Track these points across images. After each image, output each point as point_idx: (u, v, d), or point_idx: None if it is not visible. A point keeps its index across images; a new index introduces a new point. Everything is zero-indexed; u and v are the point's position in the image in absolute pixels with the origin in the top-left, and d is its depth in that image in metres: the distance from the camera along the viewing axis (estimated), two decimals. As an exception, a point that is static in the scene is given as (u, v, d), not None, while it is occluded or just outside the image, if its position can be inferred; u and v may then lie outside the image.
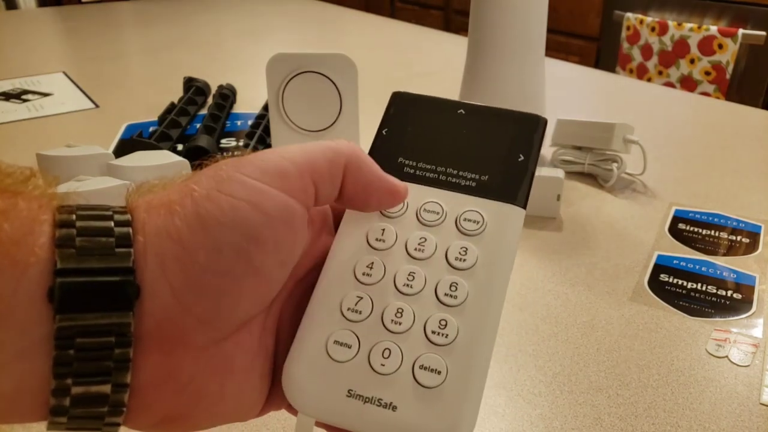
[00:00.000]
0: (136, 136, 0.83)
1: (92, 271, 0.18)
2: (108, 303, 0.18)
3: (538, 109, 0.74)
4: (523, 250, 0.60)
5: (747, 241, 0.62)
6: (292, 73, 0.64)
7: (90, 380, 0.18)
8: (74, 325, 0.18)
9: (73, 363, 0.18)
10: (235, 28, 1.48)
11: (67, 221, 0.19)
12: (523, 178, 0.25)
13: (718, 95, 1.74)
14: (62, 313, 0.18)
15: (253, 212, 0.20)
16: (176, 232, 0.19)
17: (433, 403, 0.21)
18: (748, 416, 0.42)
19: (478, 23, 0.71)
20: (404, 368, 0.22)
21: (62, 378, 0.18)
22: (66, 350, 0.18)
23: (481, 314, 0.23)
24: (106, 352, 0.18)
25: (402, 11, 2.77)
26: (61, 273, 0.18)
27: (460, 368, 0.22)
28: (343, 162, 0.23)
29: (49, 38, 1.42)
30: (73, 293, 0.18)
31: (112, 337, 0.18)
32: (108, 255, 0.18)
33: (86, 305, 0.18)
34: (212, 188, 0.20)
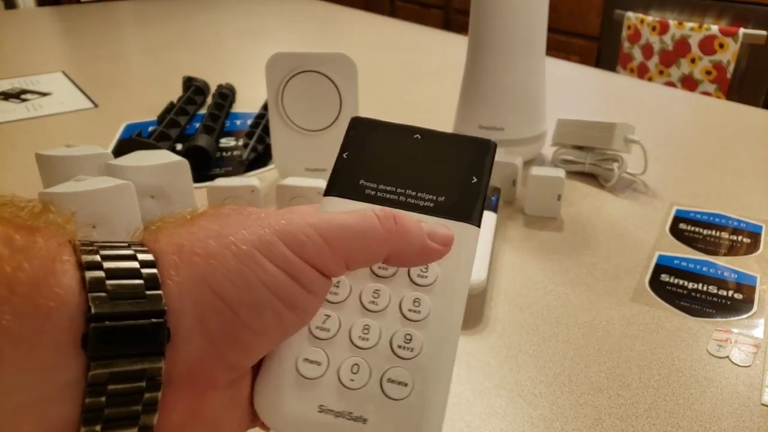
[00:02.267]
0: (135, 135, 0.83)
1: (126, 315, 0.18)
2: (141, 347, 0.18)
3: (539, 108, 0.74)
4: (523, 250, 0.60)
5: (748, 241, 0.61)
6: (291, 72, 0.63)
7: (118, 424, 0.18)
8: (108, 372, 0.18)
9: (104, 409, 0.18)
10: (234, 28, 1.48)
11: (94, 263, 0.18)
12: (477, 198, 0.26)
13: (718, 95, 1.74)
14: (96, 360, 0.17)
15: (293, 284, 0.21)
16: (218, 286, 0.19)
17: (401, 414, 0.22)
18: (749, 416, 0.41)
19: (478, 22, 0.71)
20: (372, 382, 0.23)
21: (92, 424, 0.18)
22: (98, 397, 0.17)
23: (444, 327, 0.24)
24: (136, 397, 0.18)
25: (402, 10, 2.77)
26: (95, 318, 0.17)
27: (425, 380, 0.23)
28: (385, 254, 0.23)
29: (48, 38, 1.42)
30: (108, 339, 0.17)
31: (143, 382, 0.18)
32: (139, 298, 0.18)
33: (120, 350, 0.18)
34: (256, 250, 0.20)
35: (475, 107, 0.73)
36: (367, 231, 0.23)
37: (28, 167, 0.62)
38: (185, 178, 0.56)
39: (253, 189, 0.58)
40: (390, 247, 0.23)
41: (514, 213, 0.66)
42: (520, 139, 0.73)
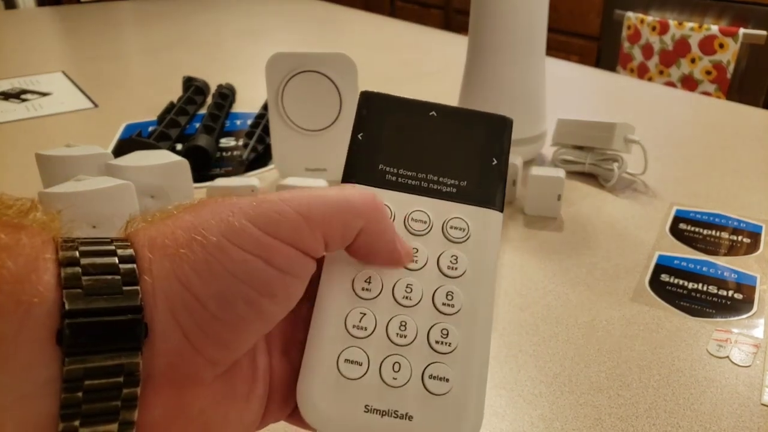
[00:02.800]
0: (135, 135, 0.83)
1: (100, 312, 0.18)
2: (117, 343, 0.18)
3: (539, 108, 0.74)
4: (523, 250, 0.60)
5: (748, 241, 0.61)
6: (291, 72, 0.63)
7: (97, 419, 0.18)
8: (83, 367, 0.17)
9: (82, 405, 0.18)
10: (234, 28, 1.48)
11: (71, 259, 0.18)
12: (499, 182, 0.26)
13: (718, 95, 1.74)
14: (71, 356, 0.17)
15: (266, 268, 0.20)
16: (185, 279, 0.19)
17: (445, 409, 0.22)
18: (749, 416, 0.41)
19: (478, 22, 0.71)
20: (414, 379, 0.23)
21: (70, 420, 0.18)
22: (74, 393, 0.17)
23: (477, 319, 0.24)
24: (114, 393, 0.18)
25: (402, 10, 2.77)
26: (70, 314, 0.17)
27: (464, 373, 0.23)
28: (359, 227, 0.22)
29: (48, 38, 1.42)
30: (82, 335, 0.17)
31: (120, 378, 0.18)
32: (115, 294, 0.18)
33: (95, 346, 0.18)
34: (223, 237, 0.20)
35: (475, 107, 0.72)
36: (343, 200, 0.22)
37: (28, 167, 0.62)
38: (185, 178, 0.56)
39: (253, 189, 0.58)
40: (365, 219, 0.22)
41: (514, 213, 0.66)
42: (520, 139, 0.73)
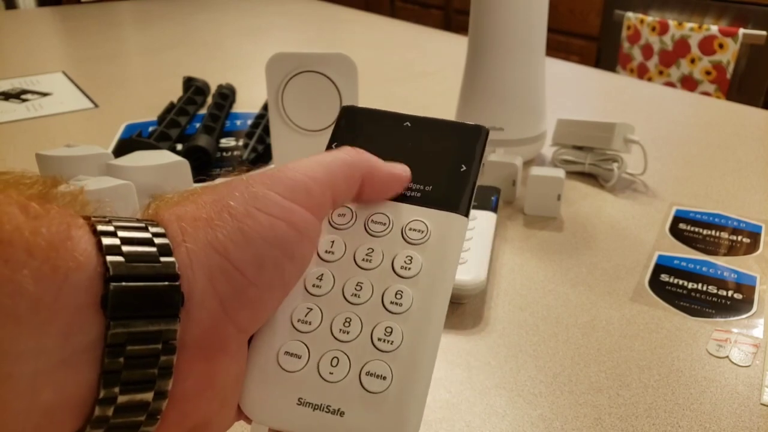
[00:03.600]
0: (135, 135, 0.83)
1: (142, 277, 0.18)
2: (158, 309, 0.19)
3: (539, 108, 0.74)
4: (523, 250, 0.60)
5: (748, 241, 0.61)
6: (291, 72, 0.63)
7: (136, 387, 0.18)
8: (127, 332, 0.18)
9: (122, 371, 0.18)
10: (234, 28, 1.48)
11: (107, 231, 0.19)
12: (465, 187, 0.26)
13: (718, 95, 1.74)
14: (116, 320, 0.18)
15: (290, 230, 0.21)
16: (222, 247, 0.20)
17: (378, 408, 0.22)
18: (749, 416, 0.42)
19: (478, 23, 0.71)
20: (351, 375, 0.23)
21: (110, 386, 0.18)
22: (116, 358, 0.18)
23: (425, 320, 0.24)
24: (153, 360, 0.18)
25: (402, 10, 2.77)
26: (114, 279, 0.18)
27: (404, 373, 0.23)
28: (359, 176, 0.25)
29: (48, 38, 1.42)
30: (126, 299, 0.18)
31: (159, 344, 0.18)
32: (154, 263, 0.19)
33: (138, 311, 0.18)
34: (250, 205, 0.21)
35: (475, 107, 0.73)
36: (340, 160, 0.24)
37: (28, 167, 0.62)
38: (185, 178, 0.56)
39: None
40: (361, 169, 0.24)
41: (514, 213, 0.66)
42: (520, 139, 0.73)
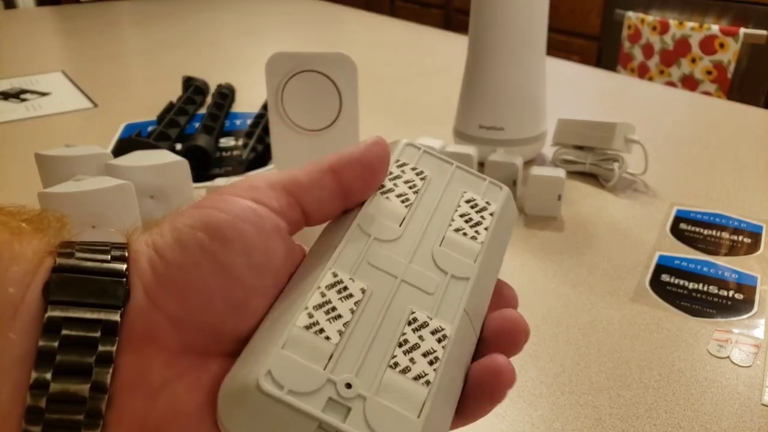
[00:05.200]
0: (134, 135, 0.82)
1: (87, 271, 0.19)
2: (97, 300, 0.19)
3: (539, 108, 0.74)
4: (523, 250, 0.60)
5: (748, 241, 0.61)
6: (291, 72, 0.63)
7: (70, 378, 0.18)
8: (63, 316, 0.18)
9: (56, 354, 0.18)
10: (234, 28, 1.48)
11: (69, 243, 0.20)
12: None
13: (719, 94, 1.74)
14: (54, 305, 0.18)
15: (218, 213, 0.21)
16: (151, 240, 0.21)
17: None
18: (750, 417, 0.41)
19: (478, 22, 0.70)
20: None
21: (43, 371, 0.18)
22: (51, 341, 0.18)
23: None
24: (89, 347, 0.18)
25: (402, 10, 2.77)
26: (58, 270, 0.19)
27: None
28: (326, 166, 0.23)
29: (47, 37, 1.42)
30: (65, 287, 0.19)
31: (97, 333, 0.19)
32: (102, 263, 0.20)
33: (77, 300, 0.19)
34: (188, 208, 0.21)
35: (475, 107, 0.73)
36: (310, 164, 0.23)
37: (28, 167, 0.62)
38: (185, 178, 0.56)
39: None
40: (324, 161, 0.23)
41: (514, 213, 0.66)
42: (520, 139, 0.73)
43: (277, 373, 0.18)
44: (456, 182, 0.25)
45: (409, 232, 0.23)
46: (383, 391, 0.19)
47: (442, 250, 0.23)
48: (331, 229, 0.24)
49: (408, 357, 0.20)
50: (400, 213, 0.24)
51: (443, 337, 0.21)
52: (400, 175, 0.25)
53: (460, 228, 0.24)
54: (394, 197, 0.24)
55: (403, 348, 0.20)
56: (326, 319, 0.20)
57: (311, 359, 0.19)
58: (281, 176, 0.23)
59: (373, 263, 0.22)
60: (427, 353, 0.20)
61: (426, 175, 0.25)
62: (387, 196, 0.24)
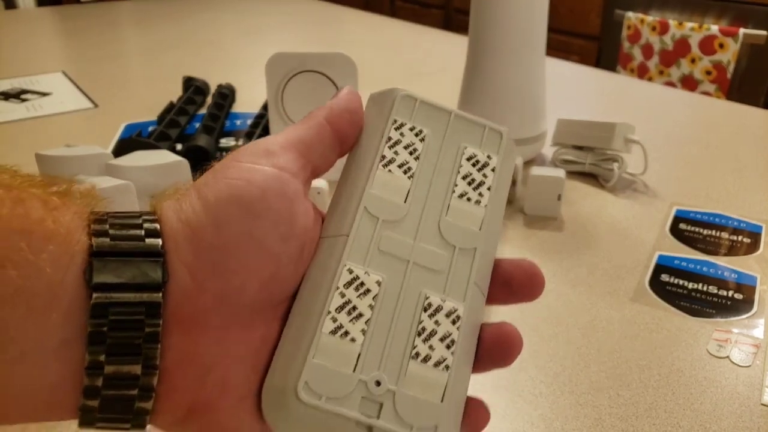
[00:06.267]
0: (135, 135, 0.83)
1: (125, 254, 0.20)
2: (138, 283, 0.19)
3: (539, 108, 0.74)
4: (523, 250, 0.60)
5: (748, 241, 0.61)
6: (291, 72, 0.63)
7: (122, 359, 0.19)
8: (108, 301, 0.19)
9: (107, 339, 0.19)
10: (234, 28, 1.48)
11: (101, 219, 0.20)
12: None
13: (719, 95, 1.74)
14: (97, 291, 0.19)
15: (247, 187, 0.21)
16: (184, 216, 0.21)
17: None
18: (749, 416, 0.41)
19: (478, 22, 0.71)
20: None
21: (96, 354, 0.19)
22: (100, 326, 0.19)
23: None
24: (137, 330, 0.19)
25: (402, 10, 2.77)
26: (97, 255, 0.19)
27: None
28: (323, 120, 0.24)
29: (47, 38, 1.42)
30: (106, 272, 0.19)
31: (142, 315, 0.19)
32: (138, 241, 0.20)
33: (119, 286, 0.19)
34: (212, 178, 0.22)
35: (475, 107, 0.73)
36: (308, 118, 0.24)
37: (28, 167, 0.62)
38: (185, 178, 0.56)
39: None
40: (318, 114, 0.24)
41: (514, 213, 0.66)
42: (520, 139, 0.73)
43: (313, 383, 0.20)
44: (455, 135, 0.25)
45: (414, 207, 0.24)
46: (408, 382, 0.21)
47: (448, 221, 0.24)
48: (340, 201, 0.24)
49: (427, 345, 0.21)
50: (404, 186, 0.24)
51: (457, 318, 0.22)
52: (399, 140, 0.24)
53: (464, 193, 0.24)
54: (396, 168, 0.24)
55: (422, 336, 0.22)
56: (349, 321, 0.21)
57: (341, 364, 0.20)
58: (289, 137, 0.23)
59: (383, 249, 0.22)
60: (444, 337, 0.22)
61: (425, 134, 0.25)
62: (389, 168, 0.24)
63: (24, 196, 0.19)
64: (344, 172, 0.25)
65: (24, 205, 0.19)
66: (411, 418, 0.21)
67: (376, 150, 0.24)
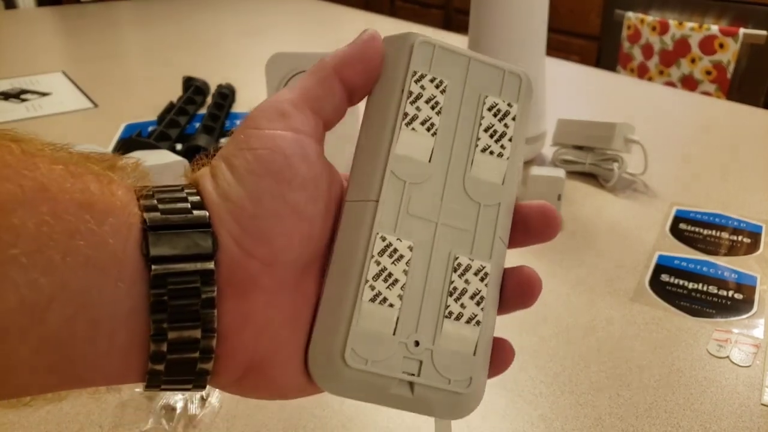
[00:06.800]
0: (135, 135, 0.82)
1: (176, 226, 0.21)
2: (192, 253, 0.21)
3: (539, 108, 0.74)
4: (523, 250, 0.60)
5: (748, 241, 0.61)
6: (291, 72, 0.63)
7: (182, 325, 0.20)
8: (166, 272, 0.20)
9: (167, 307, 0.20)
10: (234, 28, 1.48)
11: (148, 194, 0.22)
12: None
13: (719, 95, 1.74)
14: (155, 263, 0.20)
15: (273, 155, 0.22)
16: (222, 192, 0.22)
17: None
18: (749, 416, 0.41)
19: (478, 22, 0.71)
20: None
21: (159, 323, 0.20)
22: (161, 296, 0.20)
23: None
24: (194, 297, 0.20)
25: (402, 10, 2.77)
26: (151, 229, 0.20)
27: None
28: (331, 71, 0.24)
29: (47, 38, 1.42)
30: (161, 244, 0.20)
31: (198, 283, 0.20)
32: (186, 214, 0.21)
33: (174, 258, 0.20)
34: (237, 148, 0.23)
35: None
36: (308, 71, 0.25)
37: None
38: (185, 178, 0.56)
39: None
40: (327, 65, 0.24)
41: (514, 213, 0.66)
42: (520, 139, 0.73)
43: (359, 348, 0.21)
44: (475, 82, 0.25)
45: (439, 166, 0.24)
46: (444, 340, 0.23)
47: (472, 178, 0.24)
48: (364, 163, 0.24)
49: (459, 303, 0.23)
50: (428, 145, 0.24)
51: (485, 275, 0.24)
52: (420, 94, 0.24)
53: (487, 147, 0.24)
54: (419, 126, 0.24)
55: (454, 296, 0.23)
56: (386, 287, 0.22)
57: (382, 329, 0.22)
58: (300, 94, 0.24)
59: (412, 213, 0.23)
60: (474, 295, 0.23)
61: (445, 85, 0.24)
62: (413, 126, 0.24)
63: (81, 171, 0.20)
64: (364, 127, 0.25)
65: (83, 180, 0.20)
66: (448, 372, 0.22)
67: (397, 106, 0.24)
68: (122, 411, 0.41)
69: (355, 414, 0.42)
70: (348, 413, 0.42)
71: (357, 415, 0.41)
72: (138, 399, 0.42)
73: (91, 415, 0.41)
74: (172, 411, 0.41)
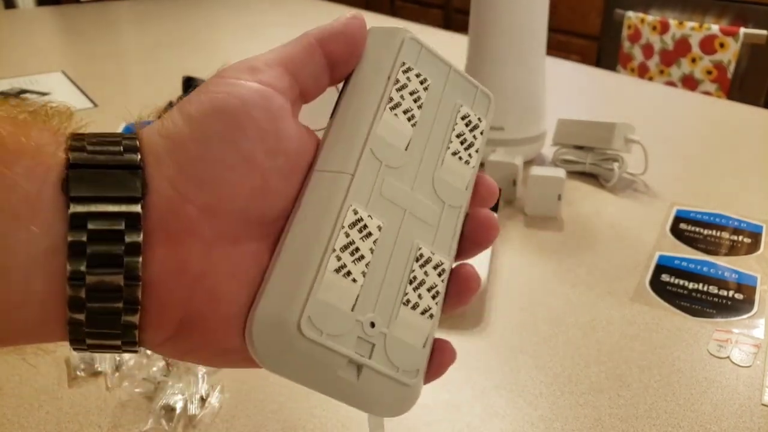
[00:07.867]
0: (135, 135, 0.82)
1: (102, 166, 0.20)
2: (116, 193, 0.19)
3: (539, 108, 0.74)
4: (523, 250, 0.60)
5: (748, 242, 0.61)
6: (291, 72, 0.63)
7: (103, 271, 0.19)
8: (87, 211, 0.19)
9: (86, 249, 0.19)
10: (234, 27, 1.48)
11: (78, 136, 0.21)
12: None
13: (719, 94, 1.74)
14: (75, 202, 0.19)
15: (229, 99, 0.21)
16: (165, 131, 0.21)
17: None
18: (750, 417, 0.41)
19: (478, 22, 0.70)
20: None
21: (77, 264, 0.19)
22: (79, 236, 0.19)
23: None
24: (117, 241, 0.19)
25: (402, 9, 2.77)
26: (74, 166, 0.19)
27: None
28: (313, 39, 0.23)
29: (47, 37, 1.42)
30: (84, 182, 0.19)
31: (122, 226, 0.19)
32: (115, 155, 0.20)
33: (97, 192, 0.19)
34: (194, 94, 0.22)
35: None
36: (300, 36, 0.24)
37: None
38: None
39: None
40: (310, 35, 0.24)
41: (514, 213, 0.66)
42: (520, 139, 0.73)
43: (316, 318, 0.20)
44: (452, 90, 0.26)
45: (413, 156, 0.24)
46: (398, 326, 0.22)
47: (441, 178, 0.25)
48: (341, 136, 0.24)
49: (417, 293, 0.23)
50: (407, 134, 0.24)
51: (443, 271, 0.24)
52: (406, 84, 0.24)
53: (456, 151, 0.25)
54: (401, 114, 0.24)
55: (413, 285, 0.23)
56: (352, 261, 0.21)
57: (342, 302, 0.21)
58: (277, 54, 0.23)
59: (384, 195, 0.23)
60: (431, 288, 0.23)
61: (428, 83, 0.25)
62: (395, 112, 0.24)
63: None
64: (343, 104, 0.24)
65: None
66: (398, 360, 0.22)
67: (383, 89, 0.24)
68: (122, 411, 0.41)
69: (355, 414, 0.42)
70: (348, 413, 0.42)
71: (357, 415, 0.41)
72: (138, 399, 0.42)
73: (90, 415, 0.41)
74: (171, 411, 0.41)
